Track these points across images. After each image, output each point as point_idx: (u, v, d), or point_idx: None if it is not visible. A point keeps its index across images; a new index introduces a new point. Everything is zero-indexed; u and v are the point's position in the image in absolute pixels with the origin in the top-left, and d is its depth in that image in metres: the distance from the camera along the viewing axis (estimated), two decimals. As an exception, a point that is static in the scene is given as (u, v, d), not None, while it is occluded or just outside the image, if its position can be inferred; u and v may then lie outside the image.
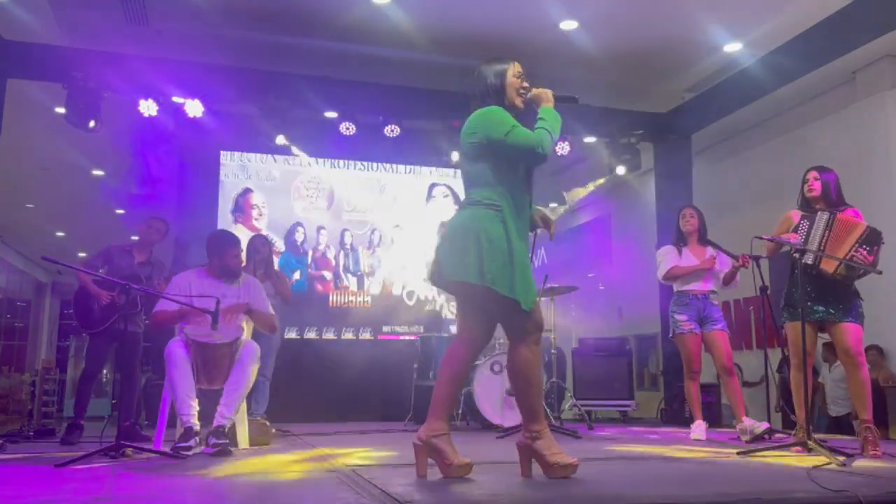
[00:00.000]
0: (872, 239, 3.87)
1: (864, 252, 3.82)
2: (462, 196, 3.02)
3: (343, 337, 7.81)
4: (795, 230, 4.04)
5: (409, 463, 3.28)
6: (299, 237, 7.90)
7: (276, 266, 6.26)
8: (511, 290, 2.68)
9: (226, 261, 4.44)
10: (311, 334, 7.74)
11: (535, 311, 2.78)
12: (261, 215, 7.80)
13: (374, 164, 8.28)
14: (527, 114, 2.97)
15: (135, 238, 5.76)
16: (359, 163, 8.21)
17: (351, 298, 7.95)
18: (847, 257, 3.82)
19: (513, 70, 2.98)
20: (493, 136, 2.80)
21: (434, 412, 2.81)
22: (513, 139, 2.78)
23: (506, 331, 2.86)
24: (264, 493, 2.48)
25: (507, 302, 2.69)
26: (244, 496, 2.41)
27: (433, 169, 8.52)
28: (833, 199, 4.12)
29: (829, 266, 3.87)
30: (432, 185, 8.40)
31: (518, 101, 2.96)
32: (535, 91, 2.98)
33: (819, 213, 4.01)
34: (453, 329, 7.36)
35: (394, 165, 8.34)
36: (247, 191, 7.80)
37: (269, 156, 7.93)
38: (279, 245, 7.77)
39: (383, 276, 8.11)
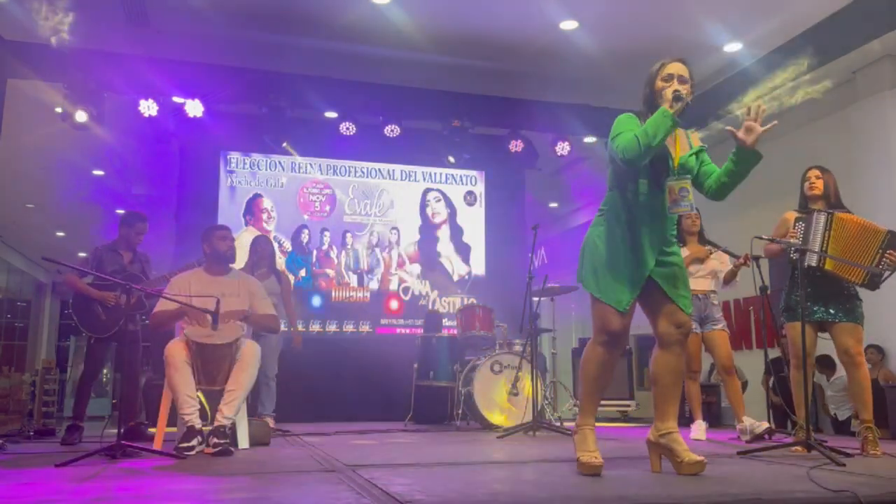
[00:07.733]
0: (894, 242, 3.86)
1: (893, 255, 3.81)
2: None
3: (344, 329, 8.23)
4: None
5: (410, 463, 3.29)
6: (305, 238, 8.32)
7: (283, 268, 6.27)
8: (596, 290, 2.82)
9: (213, 244, 4.41)
10: (315, 326, 8.16)
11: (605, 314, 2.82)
12: (270, 218, 8.21)
13: (373, 171, 8.64)
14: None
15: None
16: (359, 169, 8.58)
17: (351, 294, 8.36)
18: (876, 263, 3.80)
19: (661, 73, 2.89)
20: (609, 142, 2.86)
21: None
22: (614, 146, 2.83)
23: None
24: (264, 493, 2.48)
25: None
26: (244, 497, 2.41)
27: (428, 172, 8.78)
28: (832, 201, 4.11)
29: (854, 276, 3.85)
30: (426, 190, 8.75)
31: (667, 107, 2.77)
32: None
33: (815, 213, 3.99)
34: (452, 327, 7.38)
35: (391, 171, 8.68)
36: (257, 196, 8.20)
37: (278, 162, 8.31)
38: (287, 245, 8.20)
39: (381, 274, 8.49)
